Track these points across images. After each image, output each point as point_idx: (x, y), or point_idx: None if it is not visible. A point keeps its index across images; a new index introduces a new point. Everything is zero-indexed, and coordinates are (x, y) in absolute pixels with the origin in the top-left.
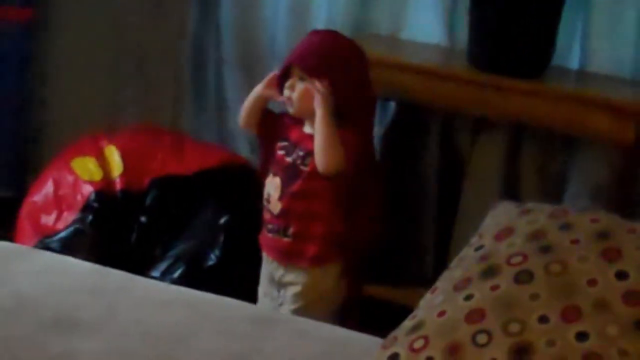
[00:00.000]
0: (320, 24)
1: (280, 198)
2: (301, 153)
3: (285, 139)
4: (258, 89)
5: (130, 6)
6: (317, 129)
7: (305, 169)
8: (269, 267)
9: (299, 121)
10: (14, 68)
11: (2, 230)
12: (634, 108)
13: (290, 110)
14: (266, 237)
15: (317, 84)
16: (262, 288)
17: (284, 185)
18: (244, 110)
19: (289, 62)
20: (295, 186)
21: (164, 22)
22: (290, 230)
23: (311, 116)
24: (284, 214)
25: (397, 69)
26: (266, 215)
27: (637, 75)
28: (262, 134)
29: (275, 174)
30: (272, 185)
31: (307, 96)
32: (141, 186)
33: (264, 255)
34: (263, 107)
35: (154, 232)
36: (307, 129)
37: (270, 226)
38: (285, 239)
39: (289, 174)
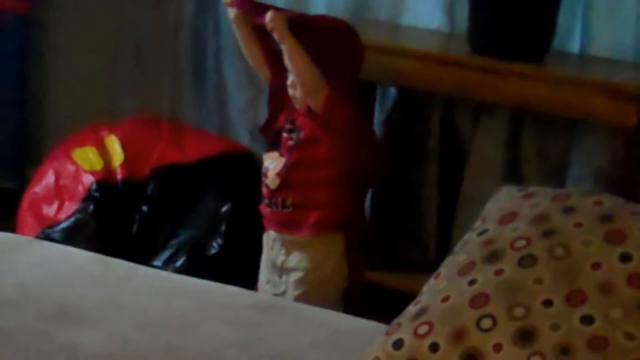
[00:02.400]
0: (319, 9)
1: (278, 173)
2: (301, 135)
3: (292, 121)
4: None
5: None
6: (290, 58)
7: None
8: (270, 254)
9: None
10: (12, 59)
11: (4, 221)
12: (636, 91)
13: (298, 106)
14: (265, 210)
15: (268, 15)
16: (263, 275)
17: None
18: (243, 50)
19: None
20: (291, 158)
21: (162, 11)
22: (289, 201)
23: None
24: (281, 187)
25: (397, 54)
26: (264, 190)
27: (639, 58)
28: (274, 73)
29: (281, 154)
30: (274, 162)
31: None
32: (142, 175)
33: (265, 241)
34: (249, 31)
35: (156, 222)
36: (300, 106)
37: (267, 200)
38: (285, 211)
39: (289, 152)
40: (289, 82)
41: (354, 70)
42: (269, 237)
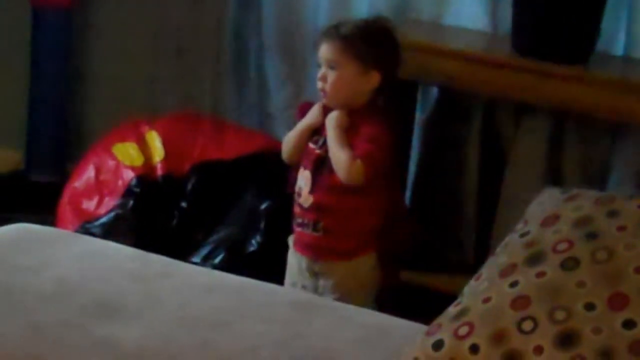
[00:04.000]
0: (362, 10)
1: (312, 191)
2: None
3: (318, 132)
4: (304, 123)
5: None
6: (331, 150)
7: None
8: (299, 260)
9: (328, 112)
10: (54, 55)
11: (44, 215)
12: None
13: (325, 101)
14: (296, 231)
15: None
16: (290, 278)
17: (314, 177)
18: (286, 145)
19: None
20: (326, 179)
21: (204, 6)
22: (321, 225)
23: (344, 106)
24: (315, 207)
25: (439, 54)
26: (296, 209)
27: None
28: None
29: (305, 167)
30: (303, 179)
31: (340, 85)
32: (182, 171)
33: (294, 252)
34: (304, 141)
35: (195, 218)
36: None
37: (300, 220)
38: (316, 234)
39: (318, 166)
40: (319, 75)
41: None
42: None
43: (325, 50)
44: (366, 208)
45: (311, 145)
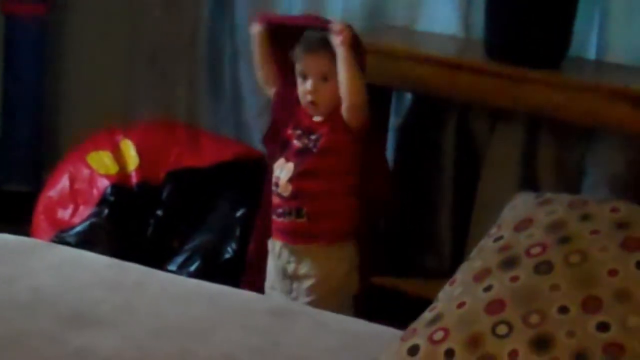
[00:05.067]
0: (336, 15)
1: (290, 180)
2: (313, 137)
3: (299, 127)
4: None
5: (145, 0)
6: (344, 66)
7: (316, 150)
8: (278, 262)
9: (296, 113)
10: (29, 63)
11: (19, 225)
12: None
13: (314, 112)
14: (276, 222)
15: (337, 24)
16: (270, 282)
17: (296, 168)
18: (259, 63)
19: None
20: (305, 165)
21: (179, 15)
22: (304, 211)
23: (331, 110)
24: (295, 195)
25: (413, 60)
26: (275, 200)
27: None
28: (278, 94)
29: (287, 159)
30: (284, 170)
31: (336, 95)
32: (157, 180)
33: (271, 248)
34: (269, 46)
35: (170, 226)
36: (317, 118)
37: (280, 210)
38: (300, 220)
39: (301, 157)
40: (308, 88)
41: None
42: (276, 245)
43: (315, 64)
44: (346, 189)
45: (295, 141)
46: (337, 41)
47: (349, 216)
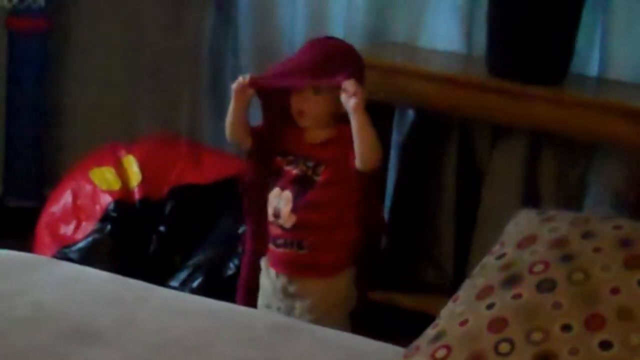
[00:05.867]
0: (337, 32)
1: (293, 210)
2: (310, 164)
3: (289, 153)
4: (233, 103)
5: (147, 15)
6: (360, 129)
7: (318, 178)
8: (274, 280)
9: (298, 131)
10: (31, 78)
11: (21, 241)
12: None
13: (304, 123)
14: (275, 252)
15: (351, 84)
16: (264, 300)
17: (296, 197)
18: (227, 126)
19: (301, 83)
20: (309, 196)
21: (181, 30)
22: (306, 242)
23: (324, 126)
24: (298, 226)
25: (415, 76)
26: (275, 231)
27: None
28: (254, 148)
29: (283, 188)
30: (281, 200)
31: (324, 108)
32: (160, 195)
33: (264, 267)
34: (244, 117)
35: (173, 242)
36: (309, 139)
37: (280, 241)
38: (301, 252)
39: (300, 185)
40: (298, 97)
41: None
42: (271, 271)
43: None
44: (347, 220)
45: (286, 167)
46: (350, 104)
47: (350, 246)
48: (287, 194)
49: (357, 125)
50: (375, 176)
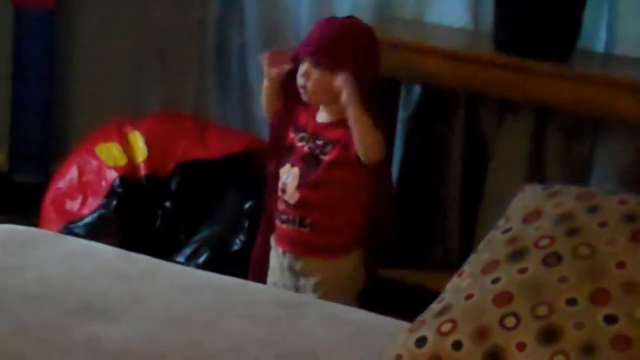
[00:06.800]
0: (345, 7)
1: (298, 187)
2: (319, 142)
3: (301, 129)
4: (266, 77)
5: None
6: (355, 123)
7: (325, 157)
8: (281, 259)
9: (311, 109)
10: (38, 55)
11: (28, 216)
12: None
13: (305, 98)
14: (280, 229)
15: (341, 78)
16: (272, 277)
17: (303, 174)
18: (265, 100)
19: (302, 53)
20: (315, 175)
21: (187, 6)
22: (308, 221)
23: (327, 104)
24: (301, 204)
25: (421, 52)
26: (281, 206)
27: None
28: (275, 121)
29: (293, 164)
30: (290, 175)
31: (322, 85)
32: (166, 171)
33: (275, 248)
34: (277, 89)
35: (179, 218)
36: (320, 118)
37: (284, 217)
38: (303, 230)
39: (308, 163)
40: (300, 71)
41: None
42: (279, 250)
43: None
44: (353, 203)
45: (298, 143)
46: (342, 98)
47: (356, 230)
48: (296, 170)
49: (351, 120)
50: (381, 168)
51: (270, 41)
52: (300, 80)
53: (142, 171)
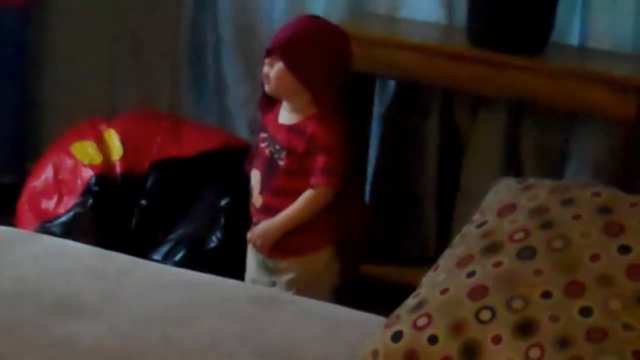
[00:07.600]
0: (319, 3)
1: (261, 192)
2: (277, 147)
3: (265, 130)
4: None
5: None
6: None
7: (281, 163)
8: (256, 256)
9: (277, 109)
10: (11, 53)
11: (3, 216)
12: (635, 83)
13: (267, 87)
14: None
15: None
16: (250, 275)
17: (264, 179)
18: None
19: (270, 45)
20: (274, 182)
21: (161, 4)
22: None
23: (288, 98)
24: (265, 208)
25: (395, 47)
26: (251, 208)
27: (638, 50)
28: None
29: (257, 167)
30: (255, 178)
31: (283, 78)
32: (141, 169)
33: (250, 244)
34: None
35: (155, 215)
36: (281, 118)
37: (255, 219)
38: None
39: (268, 167)
40: (267, 60)
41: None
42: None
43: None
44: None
45: (262, 144)
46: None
47: (324, 231)
48: (258, 174)
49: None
50: (346, 179)
51: (245, 39)
52: (265, 69)
53: (118, 169)
